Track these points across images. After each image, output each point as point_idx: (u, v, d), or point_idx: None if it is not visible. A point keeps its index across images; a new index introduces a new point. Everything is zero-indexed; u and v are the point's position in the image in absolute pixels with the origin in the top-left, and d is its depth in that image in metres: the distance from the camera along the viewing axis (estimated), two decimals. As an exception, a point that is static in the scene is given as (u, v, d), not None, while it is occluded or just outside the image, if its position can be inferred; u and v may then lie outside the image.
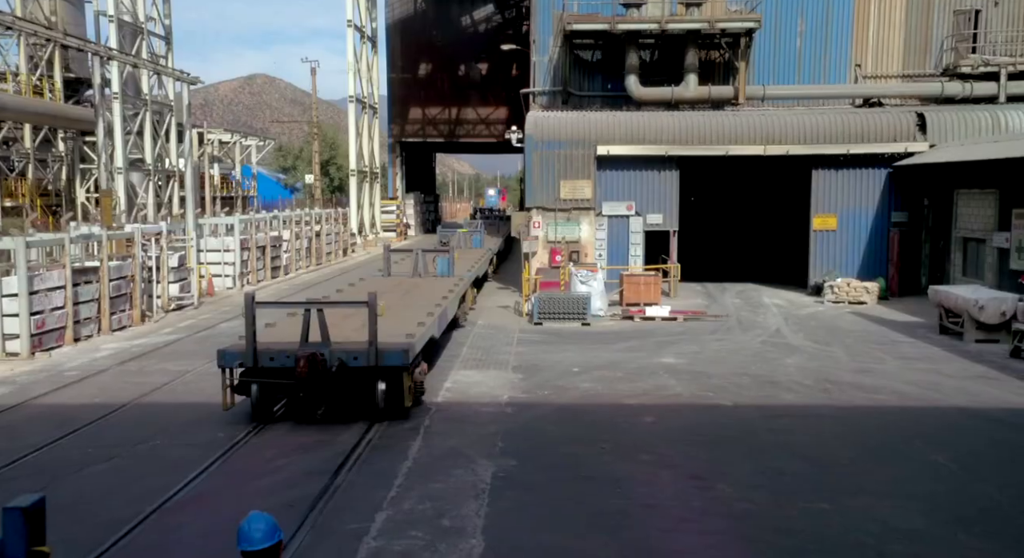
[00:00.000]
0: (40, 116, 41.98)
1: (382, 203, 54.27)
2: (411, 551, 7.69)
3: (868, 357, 16.46)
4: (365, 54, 49.73)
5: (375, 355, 11.60)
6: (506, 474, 9.79)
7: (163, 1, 47.05)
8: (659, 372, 15.22)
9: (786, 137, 25.80)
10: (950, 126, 25.08)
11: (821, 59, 29.27)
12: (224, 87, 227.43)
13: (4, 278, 16.04)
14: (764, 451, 10.72)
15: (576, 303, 21.02)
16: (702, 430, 11.71)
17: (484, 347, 17.77)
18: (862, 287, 23.76)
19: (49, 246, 18.63)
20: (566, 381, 14.59)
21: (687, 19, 27.92)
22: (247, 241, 28.06)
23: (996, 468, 10.03)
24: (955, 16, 29.31)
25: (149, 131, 42.39)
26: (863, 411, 12.66)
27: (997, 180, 21.37)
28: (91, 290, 18.33)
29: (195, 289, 23.64)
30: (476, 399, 13.38)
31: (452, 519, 8.43)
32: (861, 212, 25.69)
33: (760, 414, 12.52)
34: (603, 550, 7.75)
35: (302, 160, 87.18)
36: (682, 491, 9.31)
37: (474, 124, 58.28)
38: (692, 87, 28.26)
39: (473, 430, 11.59)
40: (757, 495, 9.14)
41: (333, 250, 38.73)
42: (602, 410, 12.76)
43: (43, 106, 41.49)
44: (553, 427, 11.89)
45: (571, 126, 26.47)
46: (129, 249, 20.64)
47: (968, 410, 12.59)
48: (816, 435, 11.44)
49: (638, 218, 26.19)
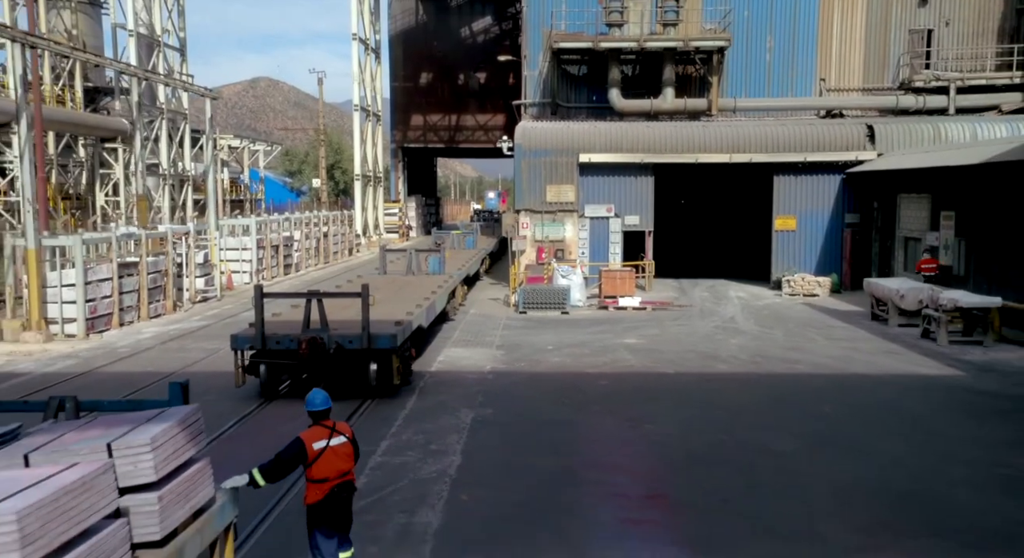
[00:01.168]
0: (64, 124, 44.74)
1: (385, 206, 57.05)
2: (407, 463, 10.43)
3: (802, 338, 19.20)
4: (369, 64, 52.56)
5: (368, 339, 13.31)
6: (482, 419, 12.53)
7: (178, 14, 50.03)
8: (620, 349, 17.96)
9: (750, 146, 28.52)
10: (896, 136, 27.80)
11: (788, 73, 32.07)
12: (228, 90, 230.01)
13: (64, 270, 18.82)
14: (690, 404, 13.46)
15: (557, 294, 23.77)
16: (645, 390, 14.46)
17: (474, 331, 20.53)
18: (815, 281, 26.51)
19: (95, 243, 21.39)
20: (540, 356, 17.34)
21: (664, 38, 30.72)
22: (262, 241, 30.85)
23: (864, 414, 12.75)
24: (910, 35, 32.11)
25: (165, 138, 45.29)
26: (780, 377, 15.40)
27: (930, 186, 24.08)
28: (132, 282, 21.11)
29: (218, 283, 26.42)
30: (463, 369, 16.14)
31: (438, 445, 11.17)
32: (818, 214, 28.42)
33: (696, 379, 15.27)
34: (549, 463, 10.48)
35: (308, 164, 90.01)
36: (618, 429, 12.05)
37: (473, 130, 61.11)
38: (669, 99, 31.05)
39: (459, 390, 14.33)
40: (674, 430, 11.89)
41: (339, 250, 41.52)
42: (567, 377, 15.50)
43: (67, 115, 44.26)
44: (525, 389, 14.63)
45: (556, 136, 29.21)
46: (162, 247, 23.41)
47: (865, 376, 15.33)
48: (735, 393, 14.18)
49: (617, 219, 28.92)
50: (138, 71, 29.53)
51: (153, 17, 44.82)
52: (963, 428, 11.99)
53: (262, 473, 6.25)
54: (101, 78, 52.68)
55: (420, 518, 8.65)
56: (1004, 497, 9.16)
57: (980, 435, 11.60)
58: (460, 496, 9.29)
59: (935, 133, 27.55)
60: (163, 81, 30.73)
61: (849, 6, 31.90)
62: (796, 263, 28.38)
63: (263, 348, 13.64)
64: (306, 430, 6.59)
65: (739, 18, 31.72)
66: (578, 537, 8.15)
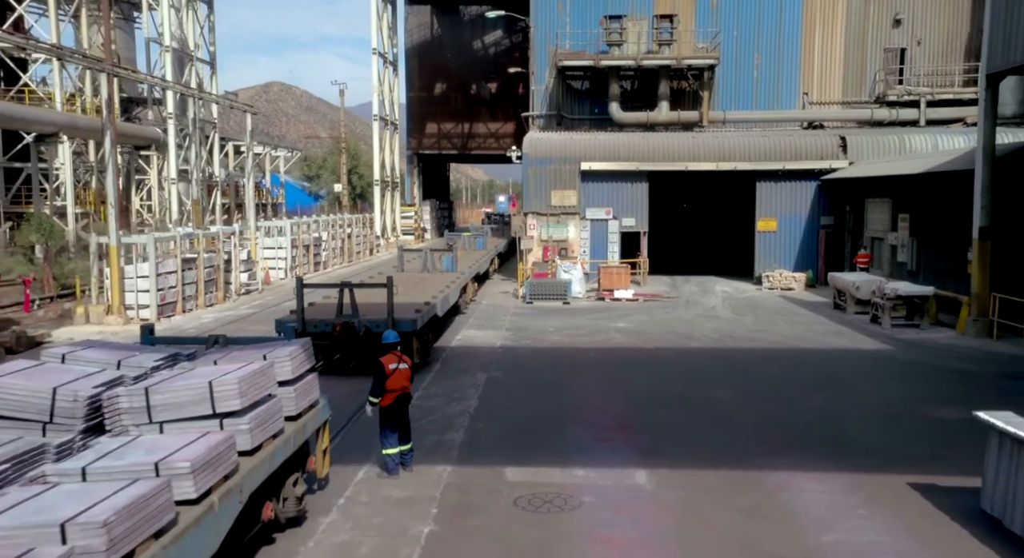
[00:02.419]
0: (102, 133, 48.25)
1: (401, 209, 60.40)
2: (436, 406, 13.61)
3: (768, 323, 22.30)
4: (387, 76, 55.93)
5: (392, 323, 15.39)
6: (493, 379, 15.72)
7: (209, 30, 53.56)
8: (611, 331, 21.12)
9: (735, 155, 31.62)
10: (866, 147, 30.84)
11: (774, 88, 35.23)
12: (241, 95, 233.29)
13: (139, 263, 22.15)
14: (662, 370, 16.61)
15: (560, 287, 26.94)
16: (627, 360, 17.61)
17: (486, 317, 23.73)
18: (791, 277, 29.59)
19: (162, 241, 24.71)
20: (543, 336, 20.52)
21: (659, 57, 33.92)
22: (295, 241, 34.16)
23: (802, 376, 15.86)
24: (885, 53, 35.22)
25: (196, 146, 48.80)
26: (743, 350, 18.53)
27: (890, 192, 27.10)
28: (191, 275, 24.42)
29: (259, 278, 29.72)
30: (478, 345, 19.35)
31: (459, 395, 14.37)
32: (796, 216, 31.48)
33: (671, 352, 18.42)
34: (545, 406, 13.64)
35: (325, 169, 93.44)
36: (600, 386, 15.21)
37: (484, 137, 64.43)
38: (664, 112, 34.25)
39: (475, 360, 17.53)
40: (648, 385, 15.06)
41: (361, 250, 44.84)
42: (564, 351, 18.68)
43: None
44: (528, 359, 17.81)
45: (560, 146, 32.40)
46: (213, 245, 26.71)
47: (812, 350, 18.45)
48: (700, 362, 17.33)
49: (615, 221, 32.06)
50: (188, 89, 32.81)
51: (186, 32, 48.33)
52: (876, 386, 15.10)
53: (373, 395, 9.55)
54: (134, 89, 56.32)
55: (448, 437, 11.85)
56: (878, 427, 12.28)
57: (886, 391, 14.70)
58: (477, 425, 12.49)
59: (901, 144, 30.58)
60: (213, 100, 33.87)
61: (829, 26, 35.03)
62: (777, 261, 31.45)
63: (303, 331, 15.78)
64: (383, 356, 9.81)
65: (728, 38, 34.89)
66: (562, 449, 11.31)
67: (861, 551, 7.95)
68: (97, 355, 8.42)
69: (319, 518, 8.76)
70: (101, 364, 8.09)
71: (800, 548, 8.04)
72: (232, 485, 6.76)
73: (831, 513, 8.88)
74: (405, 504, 9.19)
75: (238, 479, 6.89)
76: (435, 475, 10.12)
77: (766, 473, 10.13)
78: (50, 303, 23.67)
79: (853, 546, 8.04)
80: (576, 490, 9.58)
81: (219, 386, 7.19)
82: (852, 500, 9.25)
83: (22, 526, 4.98)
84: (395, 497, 9.42)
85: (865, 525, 8.56)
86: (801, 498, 9.34)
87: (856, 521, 8.67)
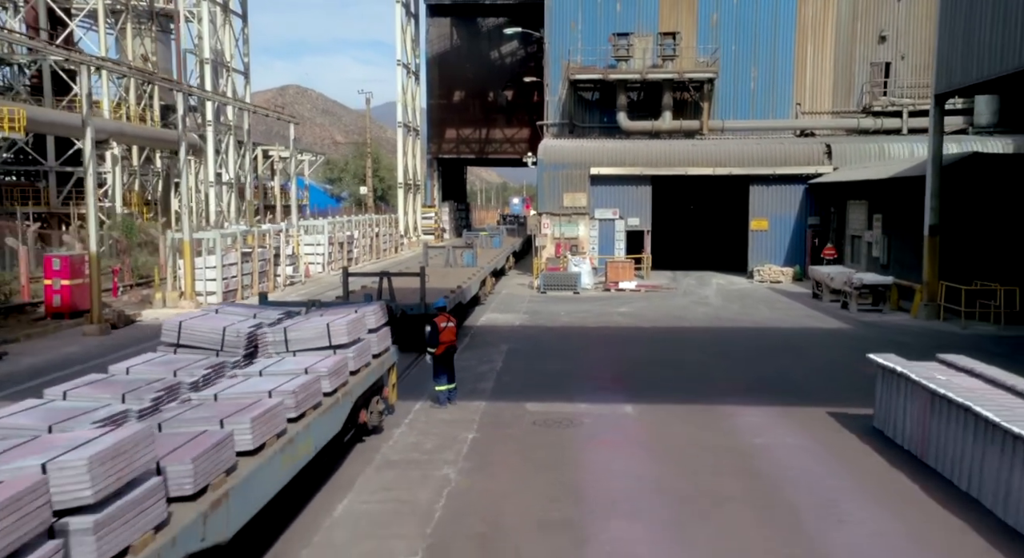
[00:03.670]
0: (146, 139, 52.13)
1: (422, 210, 63.92)
2: (469, 366, 16.98)
3: (752, 309, 25.57)
4: (410, 86, 59.47)
5: (424, 307, 17.94)
6: (514, 348, 19.08)
7: (243, 41, 57.23)
8: (613, 315, 24.45)
9: (731, 161, 34.87)
10: (849, 154, 34.02)
11: (770, 98, 38.44)
12: (257, 98, 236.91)
13: (208, 256, 25.67)
14: (656, 343, 19.92)
15: (570, 279, 30.29)
16: (626, 336, 20.94)
17: (505, 304, 27.11)
18: (779, 271, 32.82)
19: (225, 237, 28.22)
20: (555, 318, 23.88)
21: (662, 70, 37.22)
22: (332, 238, 37.68)
23: (770, 347, 19.13)
24: (871, 67, 38.34)
25: (232, 152, 52.46)
26: (725, 329, 21.81)
27: (866, 194, 30.27)
28: (248, 267, 27.93)
29: (301, 270, 33.24)
30: (500, 325, 22.72)
31: (487, 359, 17.75)
32: (785, 217, 34.68)
33: (664, 330, 21.74)
34: (556, 367, 16.98)
35: (347, 172, 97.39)
36: (603, 353, 18.54)
37: (501, 143, 67.87)
38: (668, 121, 37.55)
39: (498, 335, 20.90)
40: (641, 354, 18.39)
41: (387, 247, 48.35)
42: (572, 329, 22.02)
43: (156, 133, 51.70)
44: (543, 335, 21.16)
45: (571, 152, 35.75)
46: (263, 241, 30.21)
47: (785, 329, 21.71)
48: (688, 337, 20.63)
49: (621, 221, 35.37)
50: (226, 98, 36.26)
51: (222, 43, 52.03)
52: (828, 354, 18.36)
53: (430, 346, 12.97)
54: (170, 96, 60.08)
55: (481, 385, 15.23)
56: (818, 380, 15.59)
57: (834, 357, 17.96)
58: (503, 378, 15.86)
59: (881, 151, 33.73)
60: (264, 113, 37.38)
61: (820, 42, 38.21)
62: (768, 257, 34.65)
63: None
64: (436, 317, 13.25)
65: (727, 53, 38.14)
66: (569, 392, 14.65)
67: (778, 446, 11.27)
68: (238, 309, 11.89)
69: (393, 430, 12.15)
70: (244, 316, 11.54)
71: (735, 443, 11.37)
72: (347, 389, 10.17)
73: (763, 428, 12.19)
74: (453, 423, 12.57)
75: (349, 386, 10.31)
76: (473, 407, 13.50)
77: (721, 406, 13.45)
78: (131, 289, 27.21)
79: (774, 444, 11.36)
80: (579, 415, 12.94)
81: (334, 327, 10.62)
82: (782, 421, 12.56)
83: (252, 392, 8.39)
84: (446, 419, 12.81)
85: (786, 434, 11.87)
86: (743, 420, 12.66)
87: (780, 430, 11.99)
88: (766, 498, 9.35)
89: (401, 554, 7.88)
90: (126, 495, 5.27)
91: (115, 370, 9.18)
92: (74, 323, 21.13)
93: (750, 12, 37.92)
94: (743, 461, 10.68)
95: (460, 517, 8.80)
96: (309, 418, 8.77)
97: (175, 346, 10.55)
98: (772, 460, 10.72)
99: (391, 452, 11.15)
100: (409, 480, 9.98)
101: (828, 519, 8.72)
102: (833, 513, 8.88)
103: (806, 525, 8.58)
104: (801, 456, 10.91)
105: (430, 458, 10.85)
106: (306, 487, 9.26)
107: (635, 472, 10.26)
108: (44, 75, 50.98)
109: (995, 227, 22.99)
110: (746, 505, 9.13)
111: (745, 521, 8.70)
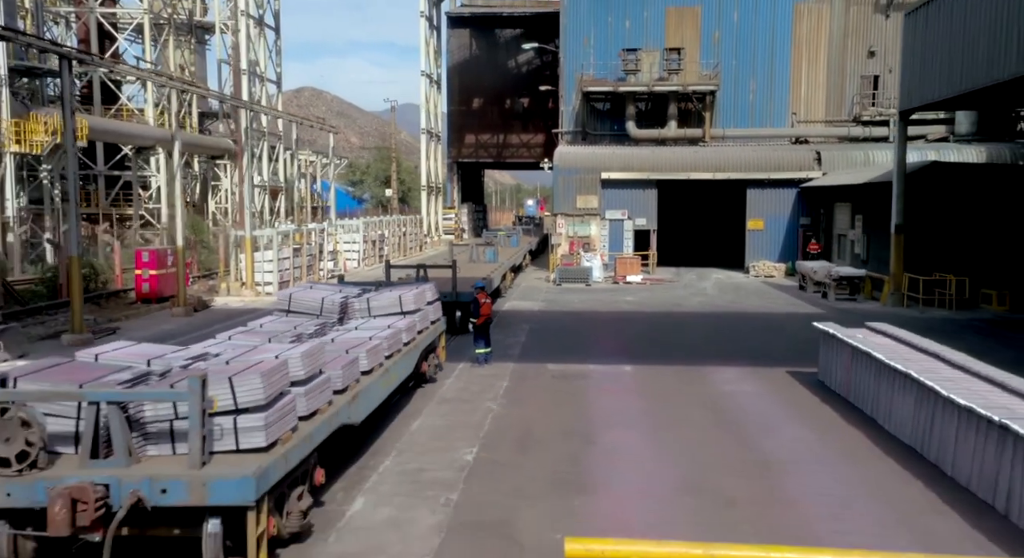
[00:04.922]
0: (194, 147, 55.93)
1: (443, 211, 67.57)
2: (497, 340, 20.41)
3: (743, 298, 28.99)
4: (432, 94, 63.13)
5: (456, 295, 20.97)
6: (535, 328, 22.60)
7: (276, 53, 60.98)
8: (621, 303, 27.94)
9: (730, 166, 38.26)
10: (837, 160, 37.34)
11: (767, 108, 41.82)
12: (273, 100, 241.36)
13: (265, 251, 29.35)
14: (656, 324, 23.40)
15: (582, 273, 33.80)
16: (631, 318, 24.43)
17: (525, 294, 30.65)
18: (772, 266, 36.20)
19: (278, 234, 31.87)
20: (569, 305, 27.40)
21: (668, 83, 40.66)
22: (366, 237, 41.36)
23: (753, 328, 22.56)
24: (861, 79, 41.66)
25: (266, 157, 56.13)
26: (715, 314, 25.26)
27: (850, 197, 33.60)
28: (297, 261, 31.61)
29: (341, 265, 36.92)
30: (521, 310, 26.28)
31: (513, 335, 21.28)
32: (779, 217, 38.03)
33: (664, 314, 25.22)
34: (570, 341, 20.48)
35: (368, 175, 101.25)
36: (610, 330, 22.04)
37: (517, 147, 71.43)
38: (673, 129, 40.99)
39: (520, 318, 24.44)
40: (643, 331, 21.89)
41: (413, 246, 52.02)
42: (584, 314, 25.53)
43: (198, 139, 55.53)
44: (559, 318, 24.69)
45: (584, 158, 39.25)
46: (309, 238, 33.88)
47: (768, 314, 25.12)
48: (684, 319, 24.10)
49: (630, 221, 38.83)
50: (260, 107, 39.92)
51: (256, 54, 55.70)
52: (800, 332, 21.71)
53: (473, 317, 16.53)
54: (205, 104, 64.08)
55: (509, 352, 18.77)
56: (787, 349, 19.04)
57: (808, 337, 21.21)
58: (527, 347, 19.41)
59: (866, 158, 37.04)
60: (298, 121, 40.94)
61: (814, 57, 41.55)
62: (763, 254, 38.01)
63: None
64: (477, 294, 16.82)
65: (728, 66, 41.53)
66: (581, 357, 18.15)
67: (740, 392, 14.75)
68: (325, 287, 15.53)
69: (444, 381, 15.72)
70: (332, 290, 15.14)
71: (707, 391, 14.88)
72: (416, 342, 13.76)
73: (732, 381, 15.68)
74: (490, 376, 16.13)
75: (417, 341, 13.90)
76: (505, 367, 17.05)
77: (703, 367, 16.94)
78: (199, 280, 30.92)
79: (737, 391, 14.84)
80: (588, 372, 16.48)
81: (404, 297, 14.21)
82: (749, 377, 16.04)
83: (356, 338, 11.97)
84: (484, 374, 16.37)
85: (749, 385, 15.35)
86: (718, 375, 16.15)
87: (745, 383, 15.48)
88: (722, 421, 12.85)
89: (465, 447, 11.43)
90: (314, 381, 8.85)
91: (252, 325, 12.79)
92: (160, 307, 24.86)
93: (749, 29, 41.32)
94: (711, 400, 14.18)
95: (502, 430, 12.35)
96: (395, 358, 12.36)
97: (286, 311, 14.18)
98: (733, 400, 14.21)
99: (446, 393, 14.72)
100: (462, 410, 13.54)
101: (763, 431, 12.22)
102: (768, 429, 12.37)
103: (746, 433, 12.09)
104: (755, 399, 14.39)
105: (475, 397, 14.41)
106: (388, 416, 12.83)
107: (628, 406, 13.77)
108: (94, 86, 54.89)
109: (951, 226, 26.32)
110: (707, 422, 12.66)
111: (703, 431, 12.21)
